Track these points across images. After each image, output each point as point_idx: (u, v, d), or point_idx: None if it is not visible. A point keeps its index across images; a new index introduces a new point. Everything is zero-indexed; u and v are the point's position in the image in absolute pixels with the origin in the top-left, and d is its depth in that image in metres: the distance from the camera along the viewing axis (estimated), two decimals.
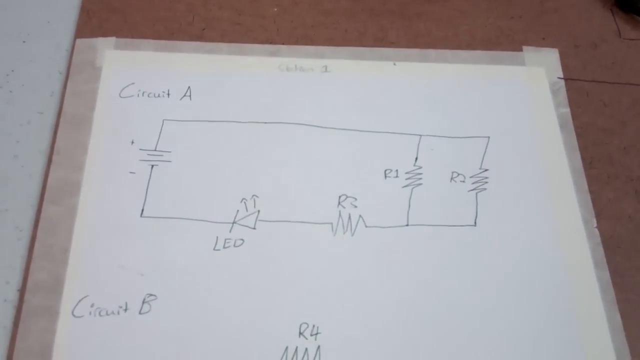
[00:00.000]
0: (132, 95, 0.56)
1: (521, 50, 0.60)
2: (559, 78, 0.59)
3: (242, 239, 0.50)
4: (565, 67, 0.60)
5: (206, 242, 0.49)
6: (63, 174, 0.51)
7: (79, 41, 0.57)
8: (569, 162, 0.55)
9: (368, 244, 0.50)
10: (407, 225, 0.51)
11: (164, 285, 0.47)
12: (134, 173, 0.52)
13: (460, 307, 0.48)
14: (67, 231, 0.48)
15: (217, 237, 0.49)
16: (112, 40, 0.58)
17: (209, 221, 0.50)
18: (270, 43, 0.59)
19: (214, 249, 0.49)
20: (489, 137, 0.56)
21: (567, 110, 0.57)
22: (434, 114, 0.56)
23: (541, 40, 0.61)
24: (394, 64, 0.59)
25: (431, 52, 0.60)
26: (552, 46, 0.61)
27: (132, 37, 0.58)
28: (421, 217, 0.52)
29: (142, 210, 0.50)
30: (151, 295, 0.47)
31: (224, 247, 0.49)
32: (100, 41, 0.58)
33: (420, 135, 0.55)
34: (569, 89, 0.58)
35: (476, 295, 0.49)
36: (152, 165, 0.52)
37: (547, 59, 0.60)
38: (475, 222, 0.52)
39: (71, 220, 0.49)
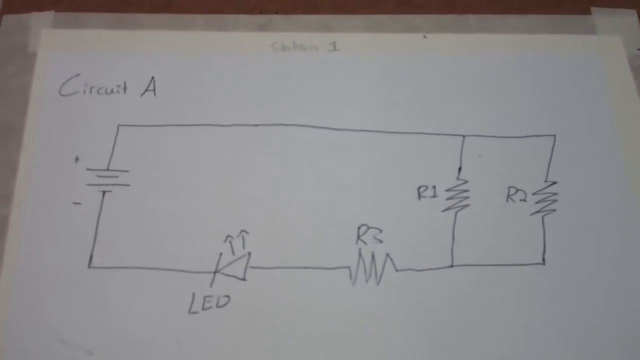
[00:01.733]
0: (76, 92, 0.44)
1: (589, 12, 0.49)
2: (639, 50, 0.47)
3: (227, 296, 0.38)
4: None
5: (179, 301, 0.38)
6: None
7: (4, 18, 0.46)
8: None
9: (400, 294, 0.39)
10: (452, 266, 0.40)
11: None
12: (79, 204, 0.41)
13: None
14: None
15: (193, 294, 0.38)
16: (49, 15, 0.47)
17: (182, 271, 0.39)
18: (260, 13, 0.48)
19: (189, 312, 0.38)
20: (554, 135, 0.44)
21: None
22: (479, 105, 0.44)
23: None
24: (424, 37, 0.47)
25: (472, 18, 0.48)
26: (630, 6, 0.49)
27: (77, 10, 0.47)
28: (470, 254, 0.40)
29: (91, 258, 0.39)
30: None
31: (202, 309, 0.38)
32: (33, 17, 0.47)
33: (464, 136, 0.43)
34: None
35: None
36: (104, 192, 0.41)
37: (623, 24, 0.48)
38: (543, 260, 0.40)
39: None
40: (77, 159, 0.42)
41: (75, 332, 0.37)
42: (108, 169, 0.41)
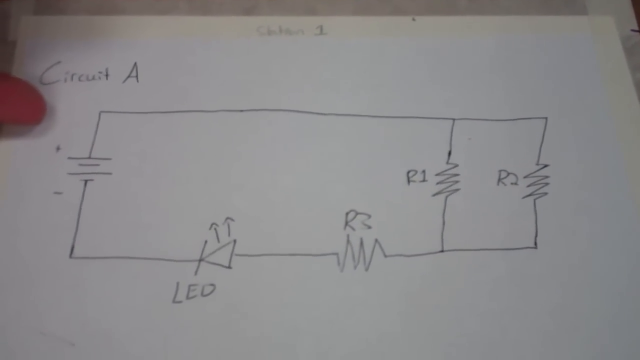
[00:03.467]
0: (57, 80, 0.43)
1: None
2: (633, 31, 0.46)
3: (212, 284, 0.37)
4: None
5: (162, 290, 0.37)
6: None
7: None
8: None
9: (389, 281, 0.38)
10: (442, 251, 0.38)
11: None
12: (61, 193, 0.39)
13: None
14: None
15: (177, 283, 0.37)
16: (30, 2, 0.45)
17: (165, 259, 0.38)
18: None
19: (173, 301, 0.37)
20: (546, 118, 0.42)
21: None
22: (469, 88, 0.43)
23: None
24: (413, 19, 0.46)
25: (461, 0, 0.46)
26: None
27: None
28: (460, 239, 0.39)
29: (72, 248, 0.38)
30: None
31: (187, 298, 0.37)
32: (13, 4, 0.44)
33: (454, 120, 0.42)
34: None
35: (540, 349, 0.36)
36: (86, 181, 0.40)
37: (616, 4, 0.47)
38: (535, 243, 0.39)
39: None
40: (58, 148, 0.40)
41: (57, 324, 0.36)
42: (90, 157, 0.40)
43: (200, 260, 0.38)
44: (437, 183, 0.40)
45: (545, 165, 0.41)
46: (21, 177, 0.39)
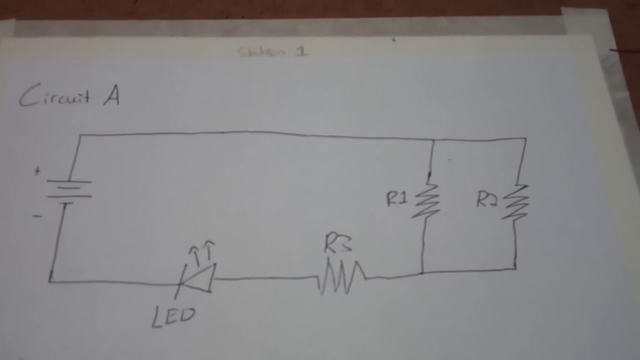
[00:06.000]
0: (37, 102, 0.43)
1: (560, 12, 0.48)
2: (611, 50, 0.46)
3: (192, 309, 0.37)
4: (618, 34, 0.47)
5: (142, 315, 0.37)
6: None
7: None
8: (633, 169, 0.41)
9: (369, 303, 0.38)
10: (422, 273, 0.39)
11: None
12: (40, 217, 0.40)
13: None
14: None
15: (157, 308, 0.37)
16: (10, 23, 0.46)
17: (145, 284, 0.38)
18: (226, 17, 0.47)
19: (152, 326, 0.37)
20: (525, 138, 0.43)
21: (626, 94, 0.45)
22: (449, 109, 0.44)
23: None
24: (393, 40, 0.46)
25: (442, 20, 0.47)
26: (600, 6, 0.48)
27: (38, 17, 0.46)
28: (440, 260, 0.39)
29: (51, 272, 0.38)
30: None
31: (166, 322, 0.37)
32: None
33: (434, 140, 0.42)
34: (626, 65, 0.46)
35: None
36: (65, 204, 0.40)
37: (594, 24, 0.47)
38: (514, 264, 0.39)
39: None
40: (37, 171, 0.40)
41: (35, 349, 0.36)
42: (69, 180, 0.40)
43: (180, 284, 0.38)
44: (417, 204, 0.40)
45: (525, 186, 0.41)
46: (0, 199, 0.39)
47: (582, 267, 0.39)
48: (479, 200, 0.41)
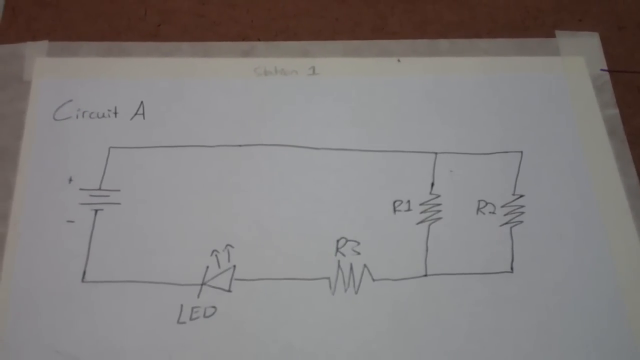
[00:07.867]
0: (69, 117, 0.45)
1: (554, 35, 0.51)
2: (602, 70, 0.49)
3: (214, 307, 0.40)
4: (609, 55, 0.50)
5: (167, 312, 0.40)
6: None
7: (0, 48, 0.48)
8: (623, 180, 0.44)
9: (377, 303, 0.41)
10: (426, 275, 0.42)
11: None
12: (73, 222, 0.42)
13: None
14: None
15: (181, 306, 0.40)
16: (43, 44, 0.48)
17: (170, 283, 0.41)
18: (243, 39, 0.50)
19: (177, 322, 0.40)
20: (521, 151, 0.46)
21: (616, 111, 0.48)
22: (450, 124, 0.47)
23: (577, 23, 0.52)
24: (398, 60, 0.49)
25: (443, 42, 0.50)
26: (592, 29, 0.51)
27: (69, 39, 0.49)
28: (443, 264, 0.42)
29: (84, 273, 0.41)
30: None
31: (190, 319, 0.40)
32: (28, 46, 0.48)
33: (436, 153, 0.45)
34: (616, 84, 0.49)
35: None
36: (96, 210, 0.42)
37: (586, 46, 0.50)
38: (511, 268, 0.42)
39: None
40: (70, 180, 0.43)
41: (70, 343, 0.38)
42: (100, 189, 0.43)
43: (203, 284, 0.40)
44: (421, 212, 0.43)
45: (521, 196, 0.44)
46: (36, 206, 0.42)
47: (574, 270, 0.42)
48: (478, 209, 0.44)
